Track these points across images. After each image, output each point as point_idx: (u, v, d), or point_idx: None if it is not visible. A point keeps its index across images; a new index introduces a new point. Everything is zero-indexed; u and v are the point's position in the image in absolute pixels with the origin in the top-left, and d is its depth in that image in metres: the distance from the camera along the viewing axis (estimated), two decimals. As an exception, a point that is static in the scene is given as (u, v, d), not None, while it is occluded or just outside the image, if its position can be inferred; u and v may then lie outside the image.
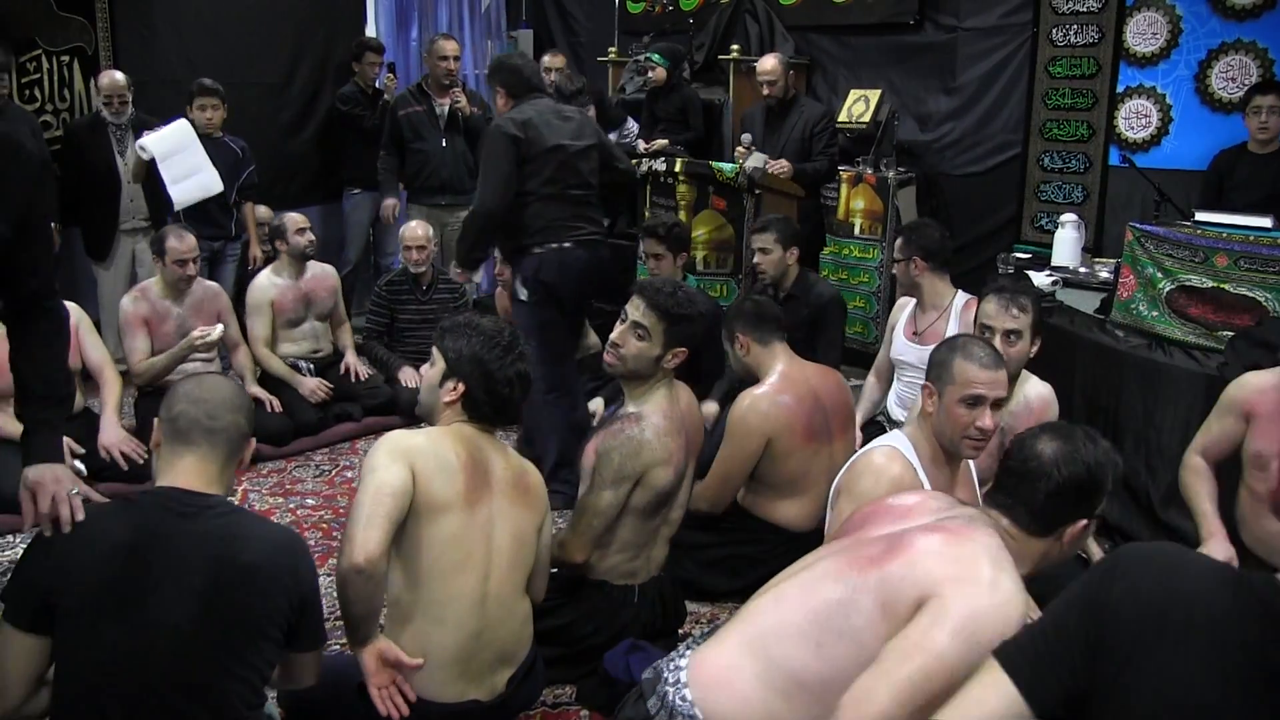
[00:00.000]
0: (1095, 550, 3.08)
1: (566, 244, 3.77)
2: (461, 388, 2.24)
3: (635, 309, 2.62)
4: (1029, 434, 1.91)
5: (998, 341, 2.83)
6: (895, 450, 2.33)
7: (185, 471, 1.86)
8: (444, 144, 5.61)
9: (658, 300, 2.60)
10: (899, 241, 3.75)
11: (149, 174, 4.84)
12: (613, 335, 2.65)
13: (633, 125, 6.04)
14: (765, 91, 5.07)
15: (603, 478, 2.57)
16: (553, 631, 2.60)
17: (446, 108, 5.58)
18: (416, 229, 4.89)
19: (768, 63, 5.07)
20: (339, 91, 6.11)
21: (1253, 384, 2.80)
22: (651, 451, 2.58)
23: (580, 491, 2.68)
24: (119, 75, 5.05)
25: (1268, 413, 2.74)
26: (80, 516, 1.81)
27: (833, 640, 1.75)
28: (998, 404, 2.30)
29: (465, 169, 5.70)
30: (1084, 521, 1.82)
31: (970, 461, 2.47)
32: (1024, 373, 3.03)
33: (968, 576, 1.68)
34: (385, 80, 6.05)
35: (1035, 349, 2.99)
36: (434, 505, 2.09)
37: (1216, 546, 2.78)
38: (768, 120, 5.16)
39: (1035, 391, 3.02)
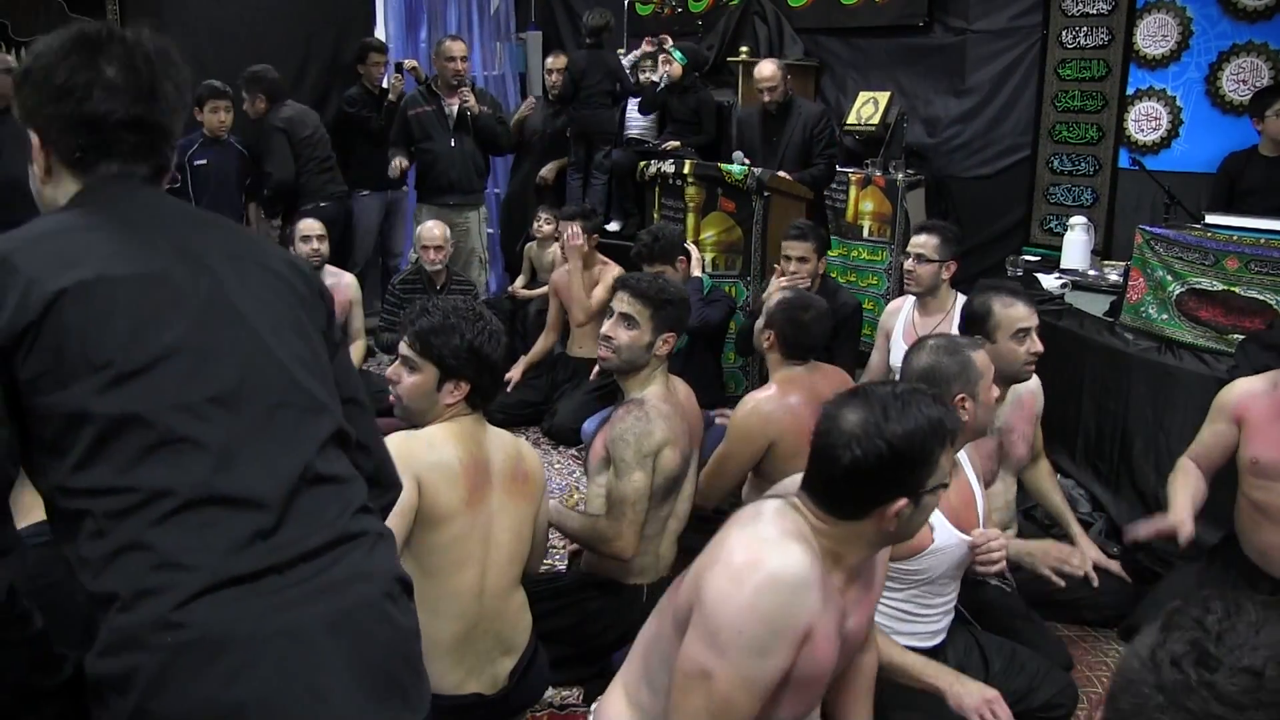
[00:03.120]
0: (1094, 551, 2.89)
1: (323, 202, 5.40)
2: (466, 386, 2.18)
3: (621, 301, 2.70)
4: (835, 402, 1.67)
5: (1035, 337, 2.80)
6: None
7: (37, 510, 1.61)
8: (452, 144, 5.61)
9: (641, 288, 2.70)
10: (935, 241, 3.58)
11: None
12: (603, 329, 2.72)
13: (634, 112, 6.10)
14: (765, 98, 5.05)
15: (627, 463, 2.58)
16: (561, 631, 2.60)
17: (455, 108, 5.59)
18: (434, 229, 4.90)
19: (766, 69, 5.05)
20: (345, 94, 6.13)
21: (1242, 388, 2.76)
22: (661, 431, 2.61)
23: (593, 490, 2.70)
24: None
25: (1261, 418, 2.69)
26: None
27: (662, 674, 1.66)
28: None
29: (474, 169, 5.72)
30: (902, 501, 1.57)
31: (967, 463, 2.44)
32: None
33: (717, 567, 1.55)
34: (393, 79, 6.06)
35: None
36: (438, 515, 2.08)
37: (1177, 513, 2.70)
38: (765, 124, 5.14)
39: (1025, 386, 2.95)
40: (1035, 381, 2.98)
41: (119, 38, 1.42)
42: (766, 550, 1.54)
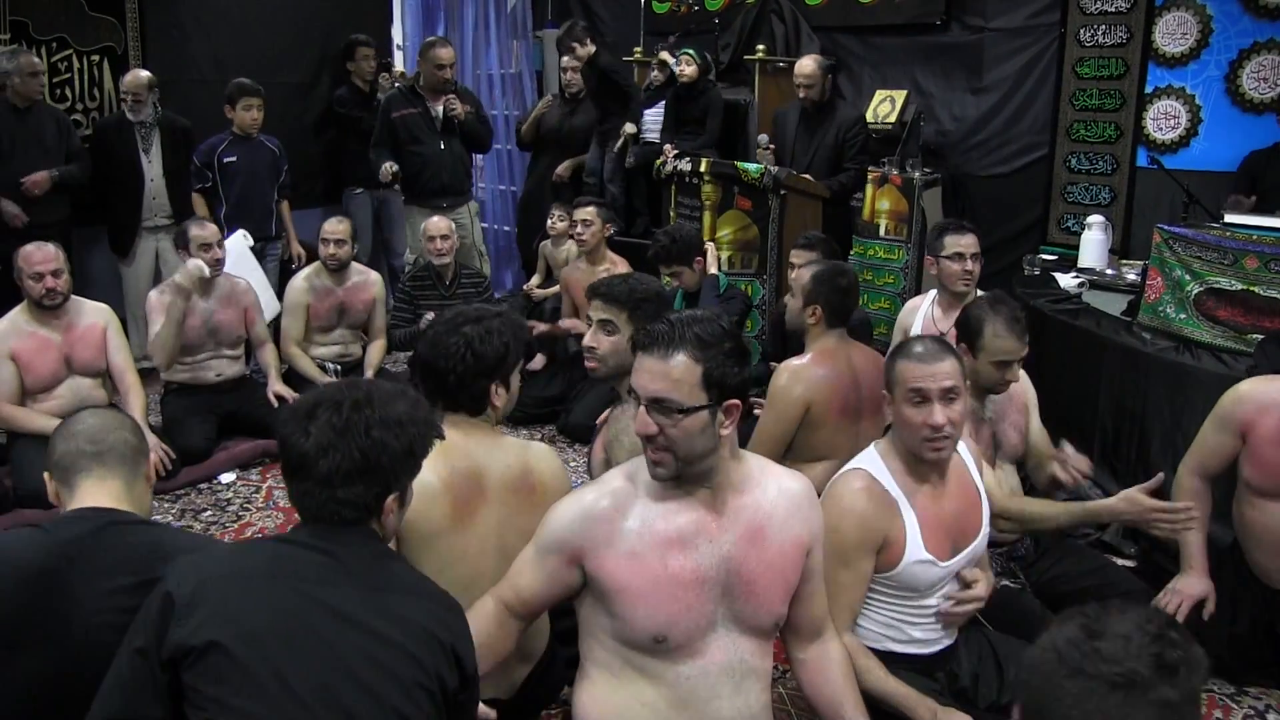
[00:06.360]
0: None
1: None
2: None
3: (596, 309, 2.65)
4: None
5: (1017, 368, 2.81)
6: (865, 474, 2.24)
7: (86, 495, 1.82)
8: (442, 146, 5.57)
9: (612, 292, 2.64)
10: (973, 239, 3.54)
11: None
12: (584, 340, 2.68)
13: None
14: (802, 95, 5.00)
15: (619, 460, 2.55)
16: (576, 630, 2.60)
17: (440, 109, 5.55)
18: (439, 221, 4.92)
19: (806, 66, 4.98)
20: (334, 94, 6.15)
21: (1252, 398, 2.62)
22: None
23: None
24: (142, 74, 5.10)
25: (1267, 436, 2.57)
26: None
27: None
28: (949, 397, 2.14)
29: (463, 170, 5.71)
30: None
31: (972, 464, 2.38)
32: None
33: None
34: (383, 80, 6.09)
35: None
36: (418, 535, 2.06)
37: (1194, 581, 2.67)
38: (804, 122, 5.08)
39: None
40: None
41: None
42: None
